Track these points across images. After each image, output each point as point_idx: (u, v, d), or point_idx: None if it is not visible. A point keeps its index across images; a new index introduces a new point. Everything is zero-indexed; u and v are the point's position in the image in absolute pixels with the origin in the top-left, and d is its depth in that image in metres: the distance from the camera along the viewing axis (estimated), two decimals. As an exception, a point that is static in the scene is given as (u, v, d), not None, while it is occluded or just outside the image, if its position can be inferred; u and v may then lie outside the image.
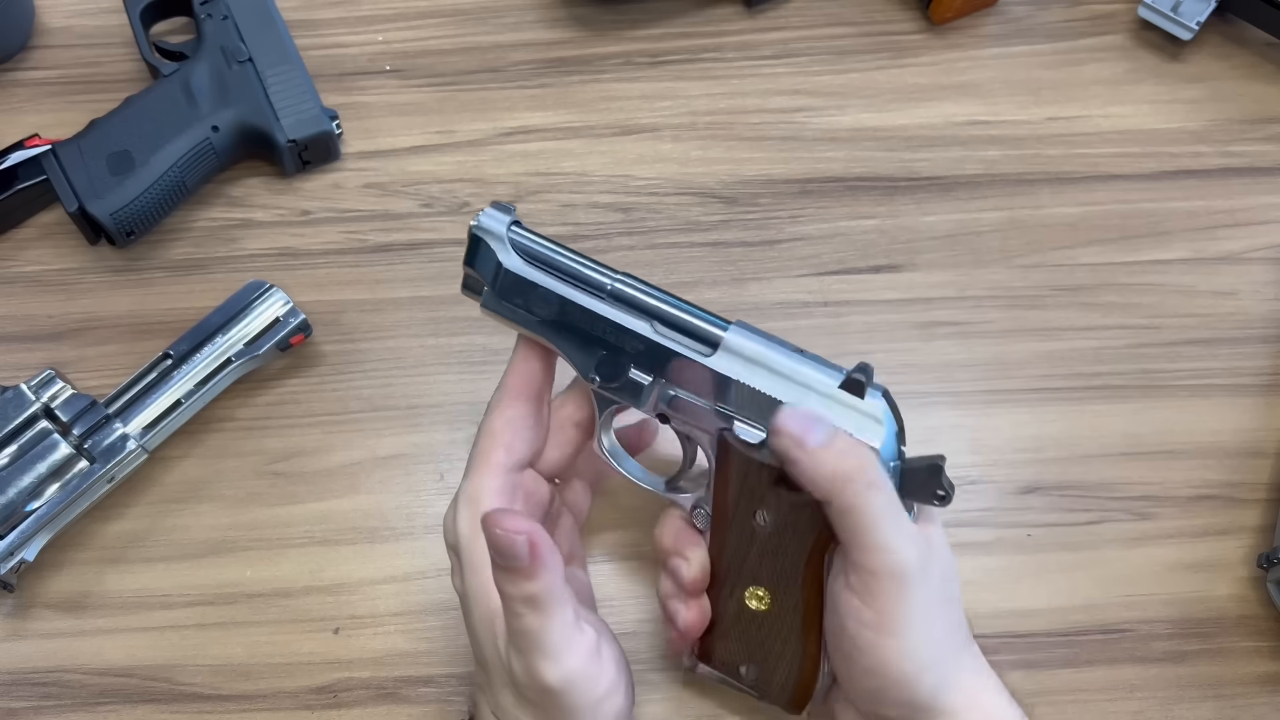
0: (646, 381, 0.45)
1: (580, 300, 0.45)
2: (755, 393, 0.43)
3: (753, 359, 0.44)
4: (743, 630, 0.46)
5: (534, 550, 0.40)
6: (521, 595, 0.40)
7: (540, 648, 0.41)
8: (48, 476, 0.53)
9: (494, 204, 0.47)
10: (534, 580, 0.40)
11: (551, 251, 0.46)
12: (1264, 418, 0.58)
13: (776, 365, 0.44)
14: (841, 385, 0.43)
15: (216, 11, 0.63)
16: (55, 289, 0.61)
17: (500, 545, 0.40)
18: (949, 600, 0.44)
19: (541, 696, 0.42)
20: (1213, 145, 0.64)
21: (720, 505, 0.45)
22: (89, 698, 0.53)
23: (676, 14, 0.68)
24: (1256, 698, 0.53)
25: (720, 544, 0.46)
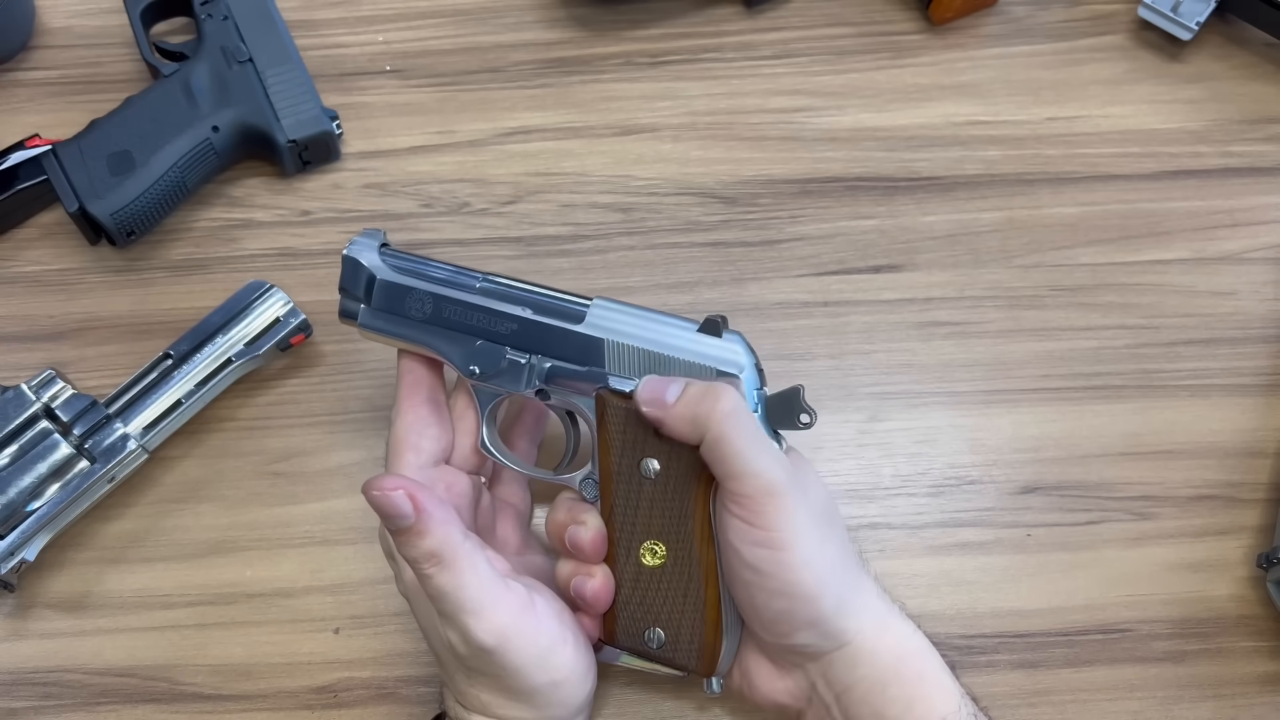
0: (523, 360, 0.48)
1: (453, 295, 0.48)
2: (624, 347, 0.47)
3: (616, 320, 0.48)
4: (643, 593, 0.47)
5: (416, 503, 0.41)
6: (422, 554, 0.42)
7: (462, 606, 0.42)
8: (48, 476, 0.53)
9: (365, 231, 0.50)
10: (426, 535, 0.41)
11: (421, 263, 0.49)
12: (1264, 418, 0.58)
13: (638, 322, 0.48)
14: (700, 329, 0.47)
15: (216, 11, 0.63)
16: (55, 289, 0.61)
17: (382, 506, 0.41)
18: (832, 523, 0.46)
19: (483, 661, 0.43)
20: (1213, 145, 0.64)
21: (605, 466, 0.47)
22: (89, 698, 0.53)
23: (676, 14, 0.68)
24: (1256, 698, 0.53)
25: (609, 505, 0.47)
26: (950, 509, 0.56)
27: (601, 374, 0.47)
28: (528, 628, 0.43)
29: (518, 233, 0.62)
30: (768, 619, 0.45)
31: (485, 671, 0.44)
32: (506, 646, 0.42)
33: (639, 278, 0.61)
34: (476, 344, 0.48)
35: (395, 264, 0.49)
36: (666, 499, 0.46)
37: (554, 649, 0.44)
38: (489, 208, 0.63)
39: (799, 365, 0.59)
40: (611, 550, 0.47)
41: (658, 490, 0.46)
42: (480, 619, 0.42)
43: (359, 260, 0.49)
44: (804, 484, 0.45)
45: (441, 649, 0.45)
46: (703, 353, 0.47)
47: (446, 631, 0.43)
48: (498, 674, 0.43)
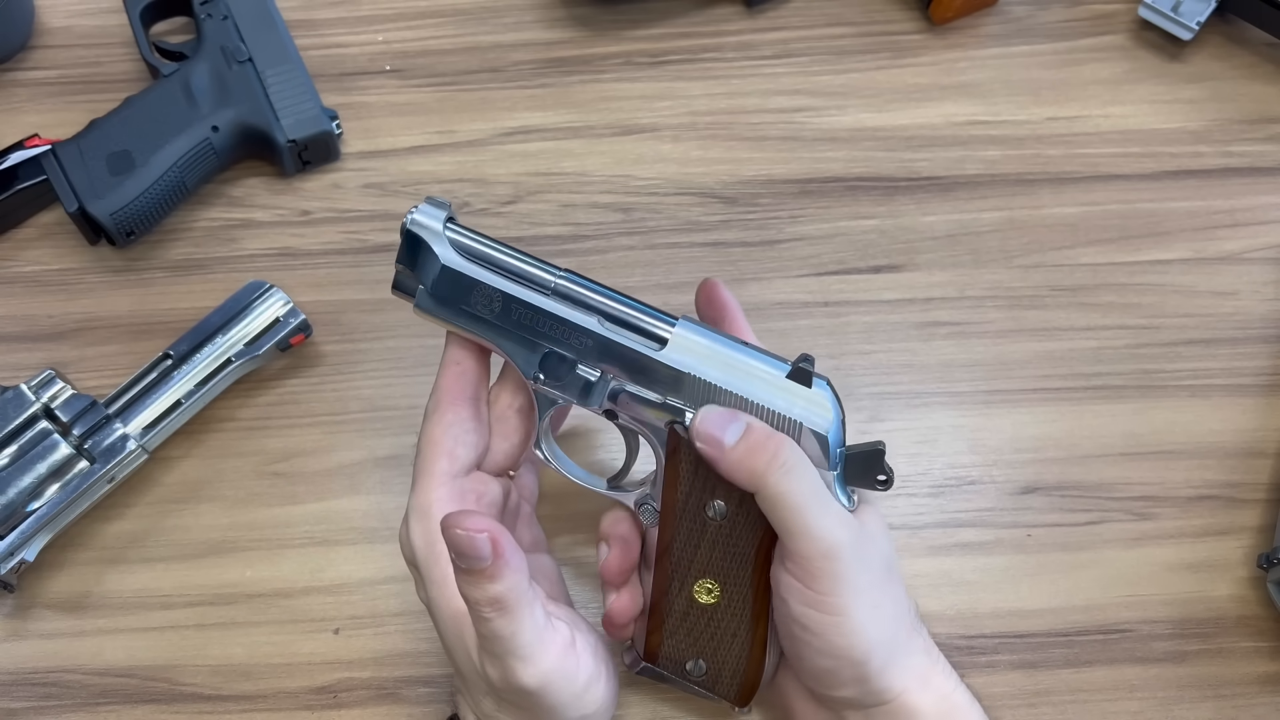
0: (594, 377, 0.44)
1: (525, 297, 0.44)
2: (706, 385, 0.44)
3: (702, 352, 0.44)
4: (691, 626, 0.46)
5: (497, 549, 0.39)
6: (487, 598, 0.40)
7: (513, 651, 0.41)
8: (48, 476, 0.53)
9: (429, 199, 0.45)
10: (498, 581, 0.40)
11: (491, 248, 0.44)
12: (1264, 418, 0.58)
13: (726, 358, 0.44)
14: (789, 375, 0.44)
15: (216, 11, 0.63)
16: (55, 289, 0.61)
17: (461, 546, 0.39)
18: (890, 581, 0.45)
19: (521, 699, 0.42)
20: (1213, 145, 0.64)
21: (670, 499, 0.45)
22: (89, 698, 0.53)
23: (676, 14, 0.68)
24: (1256, 698, 0.53)
25: (669, 538, 0.45)
26: (950, 509, 0.56)
27: (679, 408, 0.44)
28: (569, 669, 0.42)
29: (518, 233, 0.62)
30: (811, 672, 0.44)
31: (521, 705, 0.43)
32: (549, 689, 0.42)
33: (639, 278, 0.61)
34: (545, 350, 0.44)
35: (463, 246, 0.44)
36: (729, 542, 0.45)
37: (590, 686, 0.44)
38: (489, 208, 0.63)
39: (799, 365, 0.59)
40: (662, 583, 0.46)
41: (721, 532, 0.45)
42: (527, 664, 0.41)
43: (422, 238, 0.44)
44: (866, 543, 0.43)
45: (469, 670, 0.44)
46: (790, 404, 0.43)
47: (486, 665, 0.42)
48: (533, 710, 0.43)
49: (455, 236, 0.44)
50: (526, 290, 0.44)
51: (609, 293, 0.44)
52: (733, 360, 0.44)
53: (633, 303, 0.44)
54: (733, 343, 0.45)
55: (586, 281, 0.44)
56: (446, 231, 0.44)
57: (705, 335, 0.44)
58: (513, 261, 0.44)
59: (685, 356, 0.44)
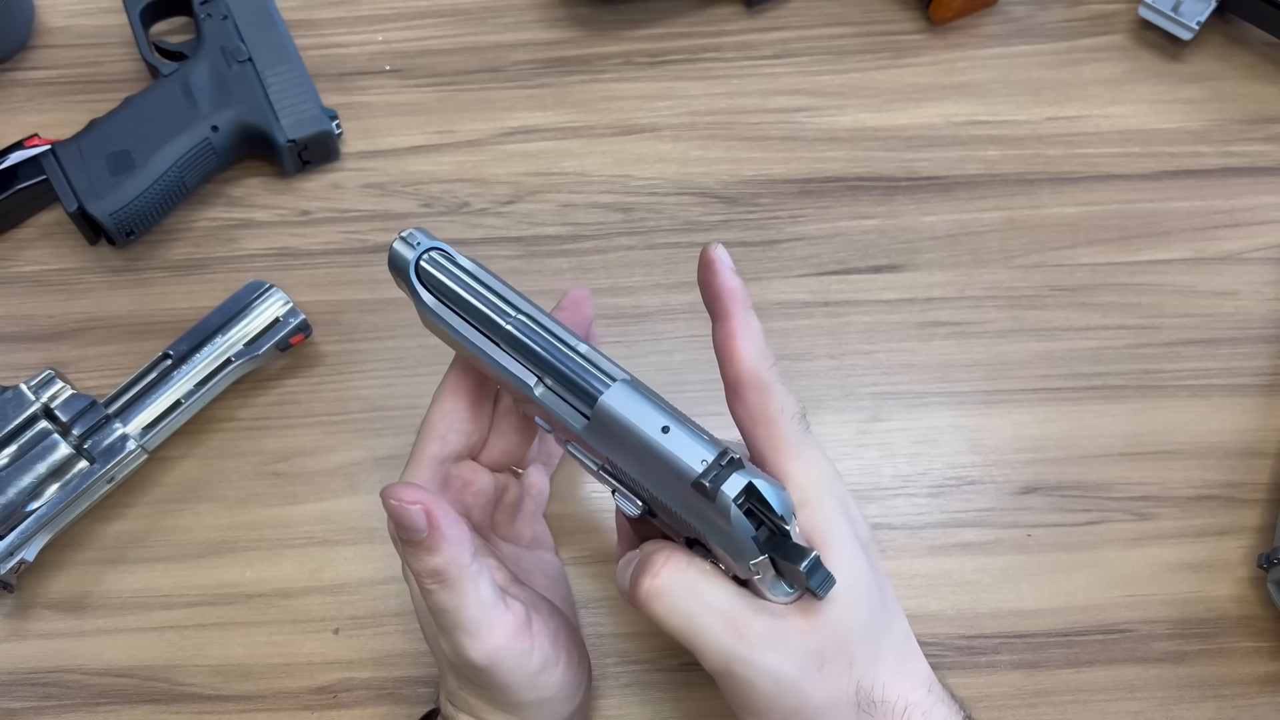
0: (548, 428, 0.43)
1: (475, 341, 0.42)
2: (625, 471, 0.40)
3: (618, 434, 0.39)
4: None
5: (431, 521, 0.40)
6: (427, 570, 0.41)
7: (459, 625, 0.41)
8: (48, 476, 0.53)
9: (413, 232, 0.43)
10: (435, 554, 0.40)
11: (457, 284, 0.42)
12: (1264, 418, 0.58)
13: (640, 447, 0.39)
14: (693, 484, 0.37)
15: (216, 11, 0.63)
16: (55, 289, 0.61)
17: (397, 516, 0.40)
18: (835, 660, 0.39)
19: (473, 674, 0.43)
20: (1213, 145, 0.64)
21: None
22: (89, 698, 0.53)
23: (676, 14, 0.68)
24: (1256, 698, 0.53)
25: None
26: (950, 509, 0.56)
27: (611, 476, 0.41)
28: (521, 649, 0.42)
29: (518, 233, 0.62)
30: None
31: (475, 682, 0.44)
32: (498, 667, 0.42)
33: (639, 278, 0.61)
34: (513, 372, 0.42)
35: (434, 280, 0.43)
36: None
37: (545, 669, 0.44)
38: (489, 208, 0.63)
39: (799, 365, 0.59)
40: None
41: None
42: (475, 639, 0.41)
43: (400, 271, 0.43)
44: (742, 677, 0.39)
45: (436, 649, 0.45)
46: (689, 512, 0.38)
47: (439, 639, 0.43)
48: (486, 686, 0.43)
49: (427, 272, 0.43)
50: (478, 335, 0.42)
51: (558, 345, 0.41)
52: (646, 451, 0.39)
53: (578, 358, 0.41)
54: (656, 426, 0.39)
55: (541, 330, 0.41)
56: (420, 267, 0.43)
57: (631, 410, 0.39)
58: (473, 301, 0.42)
59: (604, 434, 0.40)
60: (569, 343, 0.41)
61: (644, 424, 0.39)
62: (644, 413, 0.39)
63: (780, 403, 0.41)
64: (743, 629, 0.39)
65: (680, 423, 0.39)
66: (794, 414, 0.41)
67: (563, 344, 0.41)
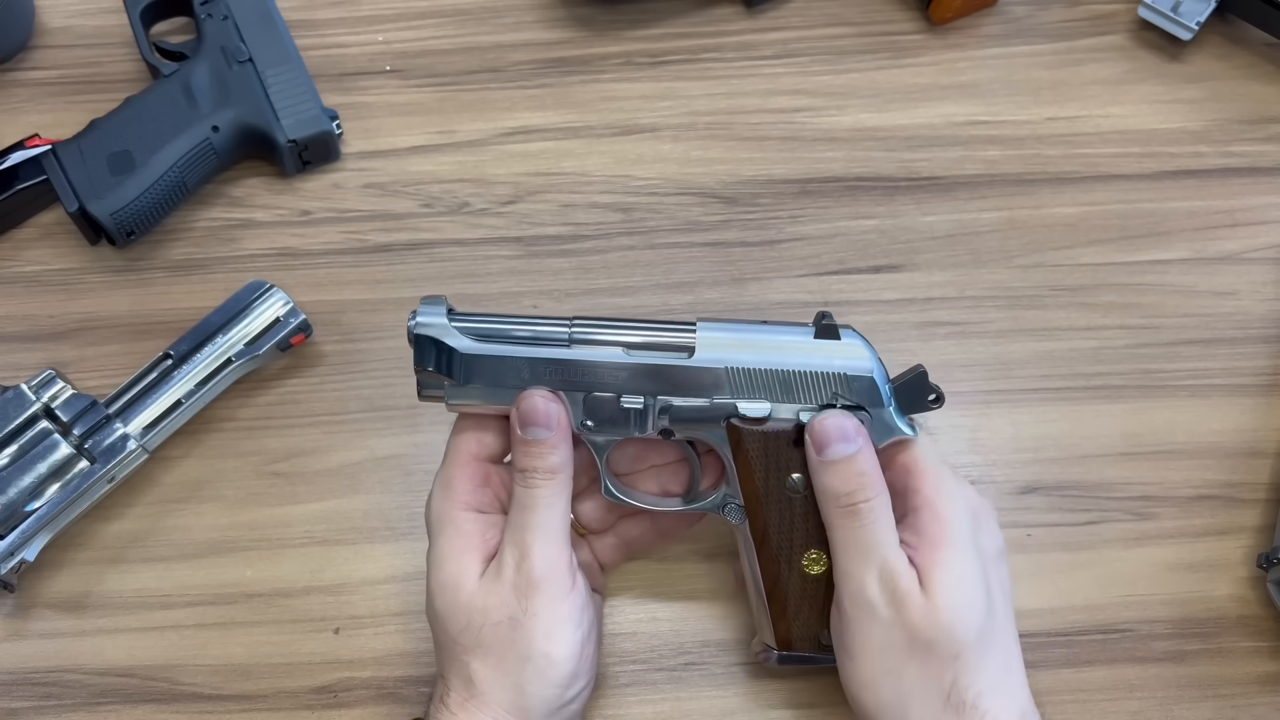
0: (639, 405, 0.46)
1: (548, 355, 0.45)
2: (746, 372, 0.45)
3: (730, 345, 0.46)
4: (811, 599, 0.47)
5: (560, 422, 0.45)
6: (545, 465, 0.45)
7: (540, 525, 0.45)
8: (48, 476, 0.53)
9: (424, 300, 0.46)
10: (559, 450, 0.45)
11: (499, 322, 0.46)
12: (1264, 418, 0.58)
13: (753, 342, 0.46)
14: (816, 335, 0.46)
15: (216, 11, 0.63)
16: (55, 289, 0.61)
17: (532, 409, 0.44)
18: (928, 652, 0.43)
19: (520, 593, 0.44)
20: (1213, 145, 0.64)
21: (750, 489, 0.47)
22: (89, 698, 0.53)
23: (676, 14, 0.68)
24: (1256, 698, 0.53)
25: (762, 525, 0.47)
26: (950, 509, 0.56)
27: (728, 404, 0.46)
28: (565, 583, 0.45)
29: (518, 233, 0.62)
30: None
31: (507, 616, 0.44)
32: (545, 584, 0.44)
33: (639, 278, 0.61)
34: (585, 398, 0.46)
35: (473, 331, 0.46)
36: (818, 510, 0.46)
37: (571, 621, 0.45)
38: (489, 208, 0.63)
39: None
40: (772, 569, 0.47)
41: (808, 503, 0.46)
42: (546, 545, 0.45)
43: (432, 337, 0.45)
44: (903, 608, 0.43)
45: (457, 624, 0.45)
46: (828, 360, 0.46)
47: (505, 550, 0.45)
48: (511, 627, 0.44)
49: (460, 322, 0.46)
50: (547, 349, 0.45)
51: (622, 321, 0.46)
52: (760, 341, 0.46)
53: (647, 322, 0.46)
54: (752, 325, 0.46)
55: (597, 319, 0.46)
56: (452, 323, 0.46)
57: (725, 329, 0.46)
58: (524, 327, 0.46)
59: (715, 353, 0.45)
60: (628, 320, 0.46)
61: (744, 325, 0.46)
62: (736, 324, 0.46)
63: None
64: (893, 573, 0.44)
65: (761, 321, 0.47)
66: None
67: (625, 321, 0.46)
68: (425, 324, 0.46)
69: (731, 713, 0.52)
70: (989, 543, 0.46)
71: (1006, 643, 0.45)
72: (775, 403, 0.46)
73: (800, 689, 0.52)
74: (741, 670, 0.53)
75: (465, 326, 0.46)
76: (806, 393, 0.46)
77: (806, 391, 0.46)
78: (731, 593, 0.54)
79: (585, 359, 0.45)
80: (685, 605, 0.54)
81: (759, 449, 0.46)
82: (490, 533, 0.47)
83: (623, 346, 0.46)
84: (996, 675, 0.44)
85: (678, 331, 0.46)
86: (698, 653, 0.53)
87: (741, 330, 0.46)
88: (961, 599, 0.43)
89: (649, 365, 0.45)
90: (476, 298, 0.60)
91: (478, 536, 0.46)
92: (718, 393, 0.46)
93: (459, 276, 0.61)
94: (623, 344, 0.46)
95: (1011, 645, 0.45)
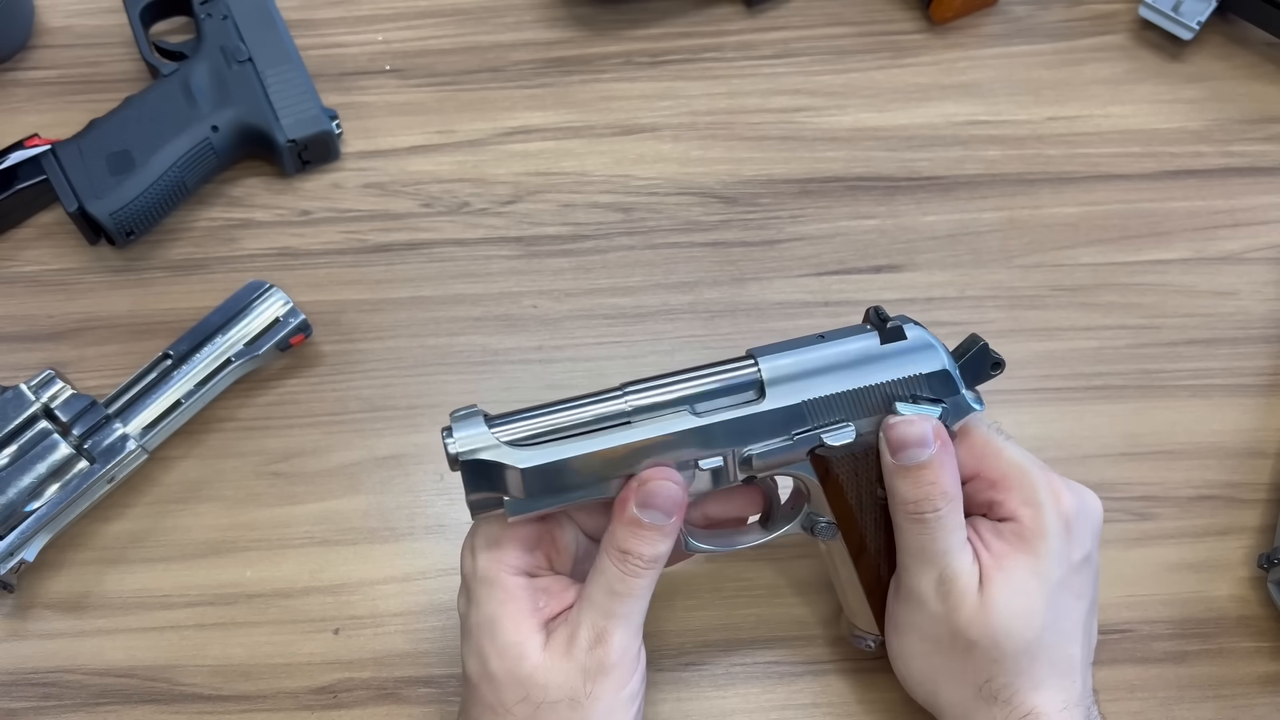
0: (718, 463, 0.43)
1: (615, 442, 0.41)
2: (823, 400, 0.43)
3: (798, 374, 0.43)
4: None
5: (680, 511, 0.42)
6: (653, 554, 0.42)
7: (626, 615, 0.43)
8: (48, 477, 0.53)
9: (453, 418, 0.42)
10: (668, 540, 0.42)
11: (544, 417, 0.42)
12: (1264, 418, 0.58)
13: (820, 364, 0.43)
14: (883, 340, 0.44)
15: (216, 11, 0.63)
16: (55, 289, 0.61)
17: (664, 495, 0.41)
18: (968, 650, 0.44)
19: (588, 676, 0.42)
20: (1213, 145, 0.64)
21: (842, 509, 0.46)
22: (89, 698, 0.53)
23: (676, 14, 0.68)
24: (1257, 698, 0.53)
25: (858, 538, 0.46)
26: (950, 509, 0.56)
27: (810, 436, 0.43)
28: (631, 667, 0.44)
29: (518, 233, 0.62)
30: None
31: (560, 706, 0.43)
32: (617, 671, 0.43)
33: (639, 278, 0.61)
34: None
35: (523, 438, 0.41)
36: None
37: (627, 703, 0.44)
38: (489, 207, 0.63)
39: (799, 365, 0.59)
40: (874, 571, 0.47)
41: None
42: (627, 634, 0.43)
43: (482, 460, 0.41)
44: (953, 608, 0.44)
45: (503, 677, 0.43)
46: (903, 366, 0.43)
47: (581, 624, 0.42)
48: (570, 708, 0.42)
49: (507, 433, 0.41)
50: (611, 435, 0.41)
51: (675, 376, 0.43)
52: (828, 362, 0.43)
53: (702, 368, 0.43)
54: (812, 344, 0.44)
55: (649, 381, 0.43)
56: (493, 431, 0.41)
57: (786, 354, 0.43)
58: (576, 414, 0.42)
59: (787, 388, 0.43)
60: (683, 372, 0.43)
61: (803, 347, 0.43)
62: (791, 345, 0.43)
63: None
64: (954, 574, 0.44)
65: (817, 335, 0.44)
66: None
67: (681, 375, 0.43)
68: (469, 447, 0.41)
69: (731, 713, 0.52)
70: (1077, 550, 0.45)
71: (1067, 649, 0.45)
72: (857, 420, 0.44)
73: (801, 689, 0.52)
74: (741, 670, 0.53)
75: (511, 434, 0.41)
76: (888, 402, 0.44)
77: (887, 401, 0.44)
78: (732, 593, 0.54)
79: (655, 435, 0.42)
80: (686, 605, 0.54)
81: (849, 471, 0.44)
82: (542, 599, 0.44)
83: (687, 405, 0.42)
84: (1042, 675, 0.44)
85: (737, 370, 0.43)
86: (698, 653, 0.53)
87: (804, 351, 0.43)
88: (1014, 611, 0.43)
89: (722, 422, 0.42)
90: (476, 297, 0.60)
91: (530, 603, 0.43)
92: (797, 427, 0.43)
93: (459, 276, 0.61)
94: (686, 400, 0.42)
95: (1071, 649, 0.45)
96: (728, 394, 0.43)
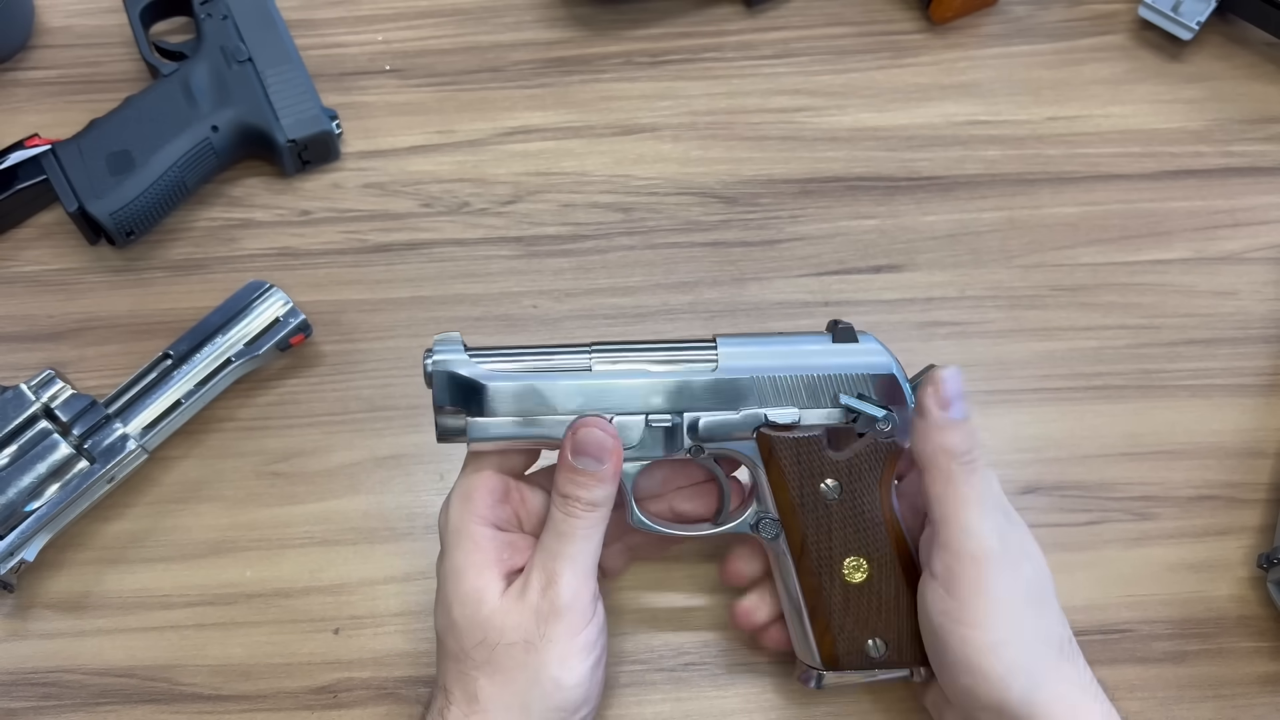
0: (670, 422, 0.46)
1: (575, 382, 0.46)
2: (772, 380, 0.46)
3: (752, 355, 0.46)
4: (854, 608, 0.47)
5: (615, 456, 0.45)
6: (590, 498, 0.45)
7: (572, 558, 0.45)
8: (48, 476, 0.53)
9: (439, 338, 0.46)
10: (608, 484, 0.45)
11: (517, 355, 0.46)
12: (1264, 418, 0.58)
13: (774, 352, 0.47)
14: (834, 340, 0.47)
15: (216, 11, 0.63)
16: (55, 289, 0.61)
17: (587, 441, 0.44)
18: (1036, 604, 0.45)
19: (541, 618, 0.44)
20: (1213, 145, 0.64)
21: (784, 501, 0.47)
22: (89, 698, 0.53)
23: (676, 14, 0.68)
24: (1256, 698, 0.53)
25: (799, 535, 0.47)
26: (950, 509, 0.56)
27: (756, 414, 0.46)
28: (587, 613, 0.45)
29: (518, 232, 0.62)
30: (953, 686, 0.45)
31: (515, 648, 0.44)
32: (568, 618, 0.44)
33: (639, 278, 0.61)
34: (611, 422, 0.46)
35: (494, 365, 0.46)
36: (855, 513, 0.46)
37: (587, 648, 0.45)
38: (489, 207, 0.63)
39: (799, 365, 0.59)
40: (813, 581, 0.47)
41: (844, 508, 0.46)
42: (575, 576, 0.44)
43: (454, 372, 0.45)
44: (1017, 559, 0.45)
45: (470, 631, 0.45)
46: (850, 363, 0.46)
47: (533, 575, 0.45)
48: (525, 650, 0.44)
49: (481, 360, 0.46)
50: (573, 377, 0.46)
51: (641, 344, 0.47)
52: (780, 351, 0.47)
53: (666, 343, 0.47)
54: (769, 337, 0.47)
55: (616, 344, 0.47)
56: (471, 357, 0.46)
57: (744, 342, 0.47)
58: (544, 359, 0.46)
59: (740, 364, 0.46)
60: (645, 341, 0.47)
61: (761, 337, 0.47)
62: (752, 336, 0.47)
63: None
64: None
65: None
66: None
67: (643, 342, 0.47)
68: (444, 360, 0.45)
69: (731, 713, 0.52)
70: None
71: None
72: (802, 408, 0.46)
73: (801, 688, 0.52)
74: (742, 670, 0.53)
75: (483, 361, 0.46)
76: (832, 396, 0.46)
77: (832, 395, 0.46)
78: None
79: (611, 380, 0.46)
80: (685, 605, 0.54)
81: (791, 457, 0.46)
82: (507, 552, 0.46)
83: (646, 364, 0.46)
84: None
85: (698, 349, 0.46)
86: (698, 653, 0.53)
87: (761, 342, 0.47)
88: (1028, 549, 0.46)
89: (675, 381, 0.46)
90: (477, 297, 0.60)
91: (494, 554, 0.46)
92: (745, 403, 0.46)
93: (459, 276, 0.61)
94: (645, 364, 0.46)
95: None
96: (685, 363, 0.46)
